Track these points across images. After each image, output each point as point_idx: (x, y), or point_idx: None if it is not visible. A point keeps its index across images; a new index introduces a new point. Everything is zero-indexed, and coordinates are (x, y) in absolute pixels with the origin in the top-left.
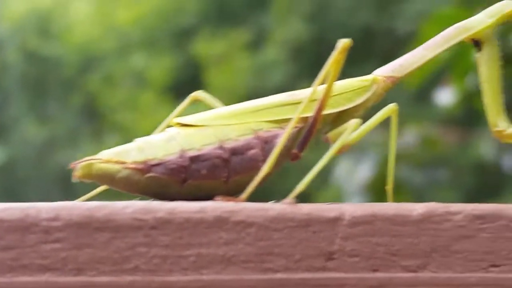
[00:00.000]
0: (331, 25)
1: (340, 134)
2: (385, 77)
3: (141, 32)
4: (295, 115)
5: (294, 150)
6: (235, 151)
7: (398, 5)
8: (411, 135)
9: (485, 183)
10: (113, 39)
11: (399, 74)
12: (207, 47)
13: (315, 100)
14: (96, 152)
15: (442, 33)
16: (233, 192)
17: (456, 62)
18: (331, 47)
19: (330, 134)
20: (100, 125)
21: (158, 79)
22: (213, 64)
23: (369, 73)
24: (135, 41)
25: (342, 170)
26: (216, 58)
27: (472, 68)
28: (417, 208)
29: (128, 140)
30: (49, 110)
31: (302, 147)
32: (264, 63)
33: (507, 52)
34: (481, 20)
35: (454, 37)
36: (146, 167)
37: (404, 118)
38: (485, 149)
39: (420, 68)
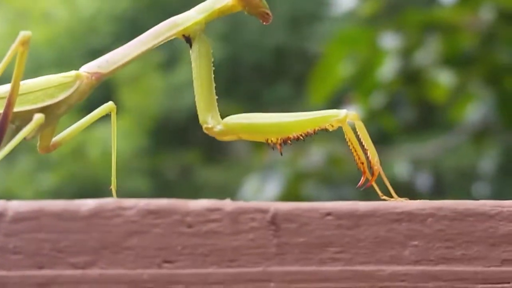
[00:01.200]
0: (244, 45)
1: (47, 132)
2: (89, 73)
3: (53, 52)
4: None
5: None
6: None
7: (309, 26)
8: (318, 154)
9: None
10: None
11: (105, 70)
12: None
13: (4, 97)
14: None
15: (151, 29)
16: None
17: (361, 80)
18: (246, 67)
19: (61, 138)
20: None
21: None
22: (126, 84)
23: (281, 91)
24: (47, 61)
25: (250, 187)
26: (129, 78)
27: (377, 86)
28: (88, 204)
29: (41, 159)
30: None
31: None
32: (177, 83)
33: (412, 69)
34: (191, 16)
35: (164, 32)
36: None
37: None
38: (398, 168)
39: (126, 65)
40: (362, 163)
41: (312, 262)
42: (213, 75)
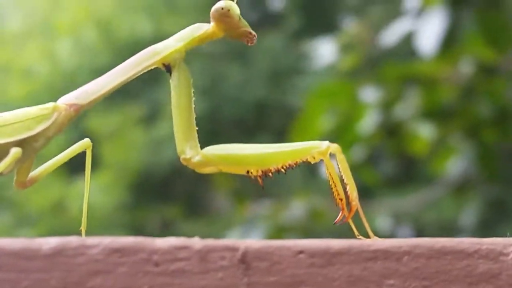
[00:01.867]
0: (225, 99)
1: (24, 166)
2: (67, 104)
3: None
4: None
5: None
6: None
7: (289, 80)
8: (299, 208)
9: None
10: None
11: (83, 101)
12: (100, 121)
13: None
14: None
15: (131, 58)
16: None
17: (342, 133)
18: (226, 121)
19: (37, 174)
20: None
21: (51, 154)
22: (107, 139)
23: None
24: None
25: None
26: (110, 132)
27: (357, 140)
28: (50, 242)
29: (21, 214)
30: None
31: None
32: (158, 138)
33: (392, 122)
34: (170, 44)
35: (143, 61)
36: None
37: (291, 191)
38: (379, 222)
39: (105, 95)
40: (341, 200)
41: None
42: (193, 105)
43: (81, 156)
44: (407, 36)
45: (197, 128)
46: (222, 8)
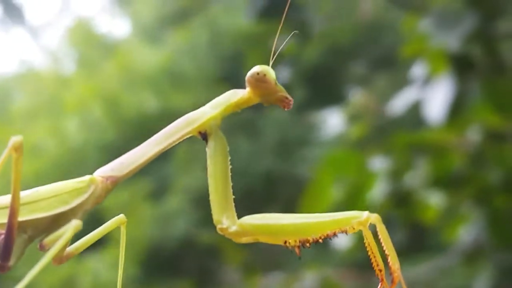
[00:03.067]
0: (234, 172)
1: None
2: (104, 177)
3: (41, 184)
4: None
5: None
6: None
7: (298, 151)
8: (311, 279)
9: None
10: None
11: (119, 173)
12: (109, 197)
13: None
14: None
15: (166, 128)
16: None
17: (352, 203)
18: (236, 193)
19: (47, 240)
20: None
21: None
22: (115, 214)
23: None
24: None
25: None
26: (119, 208)
27: (368, 209)
28: None
29: None
30: None
31: (5, 256)
32: (167, 213)
33: (402, 191)
34: (206, 111)
35: (179, 130)
36: None
37: (303, 263)
38: None
39: (142, 166)
40: (381, 270)
41: None
42: (230, 173)
43: (88, 227)
44: (415, 105)
45: (234, 197)
46: (258, 74)
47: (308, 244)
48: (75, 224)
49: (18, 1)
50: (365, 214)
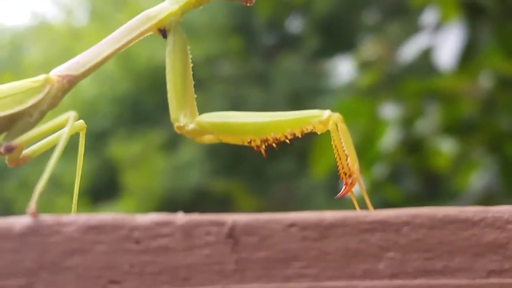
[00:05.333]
0: None
1: (26, 139)
2: (60, 76)
3: None
4: None
5: None
6: None
7: (309, 100)
8: None
9: None
10: None
11: (76, 72)
12: (122, 149)
13: None
14: None
15: (124, 25)
16: None
17: (364, 151)
18: (246, 146)
19: (18, 141)
20: None
21: (74, 183)
22: (130, 166)
23: (284, 166)
24: None
25: None
26: (132, 159)
27: (379, 157)
28: (22, 221)
29: None
30: None
31: None
32: (181, 164)
33: (413, 139)
34: (165, 7)
35: (137, 27)
36: None
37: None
38: None
39: (99, 66)
40: (345, 173)
41: (275, 279)
42: (191, 71)
43: (105, 184)
44: (426, 52)
45: (196, 96)
46: None
47: (270, 143)
48: (73, 116)
49: None
50: (327, 112)
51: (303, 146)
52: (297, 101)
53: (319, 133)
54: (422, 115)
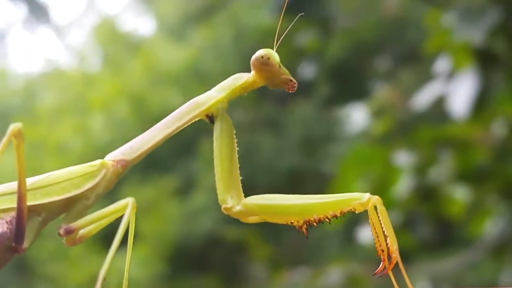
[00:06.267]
0: (258, 168)
1: (73, 220)
2: (114, 161)
3: None
4: (14, 204)
5: (13, 243)
6: None
7: (322, 147)
8: (336, 274)
9: None
10: None
11: (129, 156)
12: (135, 194)
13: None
14: None
15: (174, 112)
16: None
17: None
18: (260, 189)
19: (76, 224)
20: (29, 278)
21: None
22: (142, 211)
23: None
24: None
25: None
26: (145, 205)
27: (393, 204)
28: None
29: None
30: None
31: (18, 238)
32: (193, 210)
33: (427, 186)
34: (212, 95)
35: (187, 113)
36: None
37: (328, 258)
38: (419, 287)
39: (151, 150)
40: (383, 251)
41: None
42: (236, 155)
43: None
44: (439, 100)
45: (241, 178)
46: (262, 57)
47: (315, 224)
48: (131, 202)
49: (43, 0)
50: (366, 195)
51: (316, 191)
52: (310, 148)
53: (357, 212)
54: (436, 162)
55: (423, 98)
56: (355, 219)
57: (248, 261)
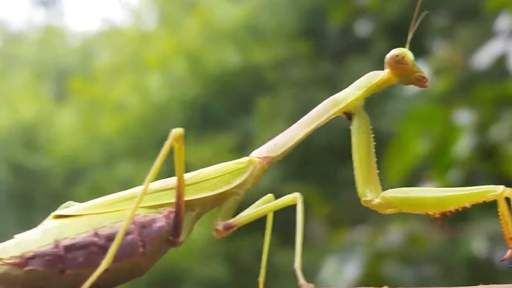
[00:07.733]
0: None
1: (227, 215)
2: (260, 158)
3: (126, 141)
4: (169, 200)
5: (171, 237)
6: (111, 237)
7: (380, 105)
8: (396, 233)
9: (477, 279)
10: (98, 149)
11: (274, 153)
12: (192, 153)
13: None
14: None
15: (313, 110)
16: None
17: (438, 158)
18: (317, 148)
19: (237, 221)
20: None
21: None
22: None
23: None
24: (120, 150)
25: (328, 269)
26: (202, 163)
27: (453, 163)
28: None
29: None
30: (37, 223)
31: (176, 232)
32: None
33: (488, 145)
34: (350, 93)
35: (325, 112)
36: (23, 261)
37: (388, 216)
38: (475, 245)
39: (293, 147)
40: (511, 238)
41: None
42: (373, 150)
43: None
44: (500, 58)
45: (378, 171)
46: (397, 56)
47: (448, 214)
48: (299, 196)
49: None
50: (501, 188)
51: (376, 148)
52: (366, 105)
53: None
54: (497, 121)
55: (484, 56)
56: (415, 177)
57: (307, 219)
